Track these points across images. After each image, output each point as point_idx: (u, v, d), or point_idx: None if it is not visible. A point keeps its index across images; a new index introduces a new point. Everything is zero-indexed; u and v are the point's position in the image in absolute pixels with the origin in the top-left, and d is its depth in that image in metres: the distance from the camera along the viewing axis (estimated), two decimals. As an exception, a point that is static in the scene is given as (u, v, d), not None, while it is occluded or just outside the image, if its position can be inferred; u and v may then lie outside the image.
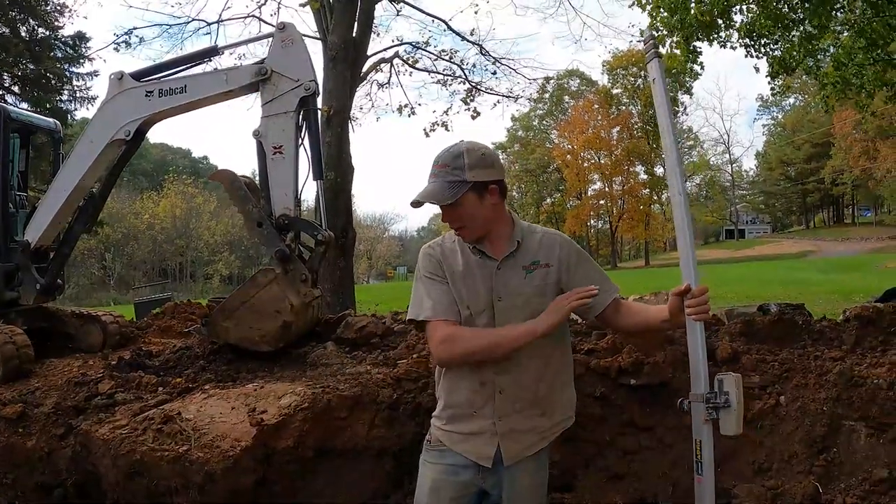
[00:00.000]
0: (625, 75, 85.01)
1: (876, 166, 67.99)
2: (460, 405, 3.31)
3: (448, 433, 3.34)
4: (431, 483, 3.35)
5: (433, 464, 3.38)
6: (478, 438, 3.27)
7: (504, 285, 3.25)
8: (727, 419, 3.09)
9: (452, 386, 3.33)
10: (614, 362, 5.42)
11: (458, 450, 3.30)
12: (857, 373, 5.08)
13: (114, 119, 6.99)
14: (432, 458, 3.39)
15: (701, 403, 3.12)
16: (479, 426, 3.27)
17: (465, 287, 3.26)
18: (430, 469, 3.38)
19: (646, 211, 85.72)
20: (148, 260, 74.63)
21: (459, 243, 3.34)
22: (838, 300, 19.49)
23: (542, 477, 3.47)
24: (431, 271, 3.31)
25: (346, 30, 15.01)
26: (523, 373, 3.26)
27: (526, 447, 3.31)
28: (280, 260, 6.31)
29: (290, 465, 4.99)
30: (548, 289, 3.29)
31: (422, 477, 3.42)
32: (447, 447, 3.34)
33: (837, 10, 12.95)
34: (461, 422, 3.30)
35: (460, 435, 3.30)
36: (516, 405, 3.26)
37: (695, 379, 3.16)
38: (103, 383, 5.93)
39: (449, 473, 3.32)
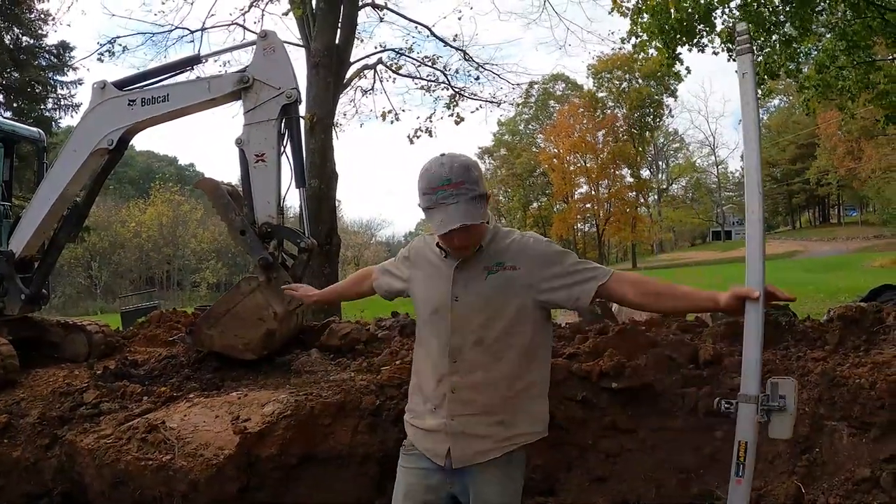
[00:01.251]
0: (610, 79, 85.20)
1: (860, 166, 68.22)
2: (420, 401, 3.40)
3: (413, 427, 3.43)
4: (405, 488, 3.38)
5: (407, 468, 3.41)
6: (434, 436, 3.30)
7: (463, 286, 3.25)
8: (782, 423, 3.06)
9: (418, 381, 3.44)
10: (596, 366, 5.44)
11: (419, 446, 3.36)
12: (840, 373, 5.10)
13: (97, 128, 6.98)
14: (407, 462, 3.43)
15: (752, 405, 3.07)
16: (435, 423, 3.29)
17: (427, 286, 3.37)
18: (404, 474, 3.42)
19: (632, 214, 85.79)
20: (134, 268, 74.33)
21: (429, 244, 3.42)
22: (824, 300, 19.58)
23: (513, 488, 3.40)
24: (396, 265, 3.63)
25: (329, 37, 15.00)
26: (477, 375, 3.25)
27: (478, 452, 3.26)
28: (263, 268, 6.31)
29: (274, 472, 5.00)
30: (514, 290, 3.25)
31: (397, 482, 3.45)
32: (416, 449, 3.38)
33: (819, 13, 13.03)
34: (421, 417, 3.37)
35: (422, 431, 3.36)
36: (469, 407, 3.25)
37: (748, 379, 3.11)
38: (88, 393, 5.94)
39: (420, 477, 3.35)
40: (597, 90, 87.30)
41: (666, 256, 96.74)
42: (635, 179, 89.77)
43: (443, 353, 3.27)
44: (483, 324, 3.23)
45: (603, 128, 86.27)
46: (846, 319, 6.04)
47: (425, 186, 3.09)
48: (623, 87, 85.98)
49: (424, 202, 3.11)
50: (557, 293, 3.26)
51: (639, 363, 5.46)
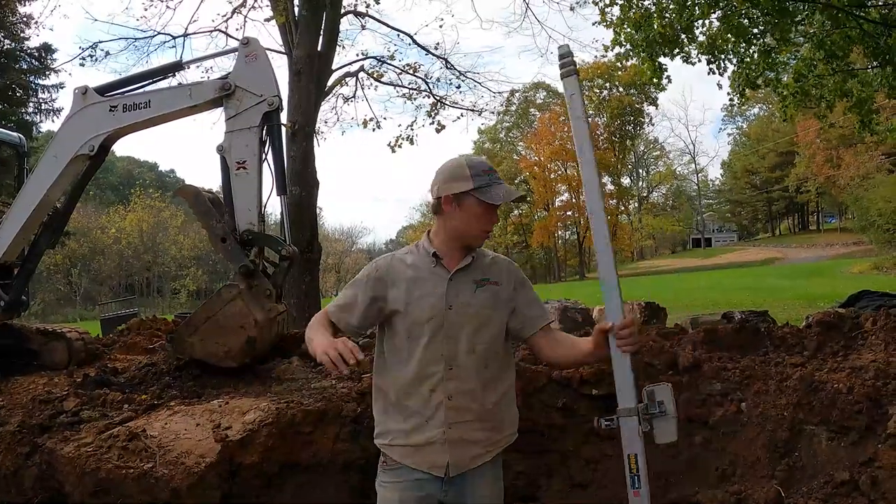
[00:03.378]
0: (590, 87, 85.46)
1: (839, 174, 68.68)
2: (402, 418, 3.38)
3: (397, 448, 3.39)
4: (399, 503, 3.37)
5: (395, 482, 3.40)
6: (429, 448, 3.32)
7: (455, 295, 3.37)
8: (665, 427, 3.15)
9: (396, 398, 3.40)
10: (576, 373, 5.46)
11: (410, 463, 3.35)
12: (818, 378, 5.15)
13: (78, 134, 6.94)
14: (392, 477, 3.42)
15: (633, 417, 3.16)
16: (429, 436, 3.32)
17: (413, 292, 3.38)
18: (392, 489, 3.40)
19: (613, 221, 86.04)
20: (114, 275, 73.86)
21: (413, 256, 3.48)
22: (803, 306, 19.70)
23: (499, 487, 3.54)
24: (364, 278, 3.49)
25: (311, 44, 14.99)
26: (470, 382, 3.35)
27: (473, 457, 3.37)
28: (244, 275, 6.31)
29: (256, 480, 4.99)
30: (498, 304, 3.45)
31: (384, 501, 3.44)
32: (398, 464, 3.38)
33: (798, 24, 13.13)
34: (406, 435, 3.36)
35: (411, 448, 3.35)
36: (465, 414, 3.33)
37: (623, 392, 3.20)
38: (69, 401, 5.89)
39: (414, 489, 3.36)
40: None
41: (646, 264, 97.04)
42: (616, 187, 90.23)
43: (436, 361, 3.33)
44: (473, 332, 3.35)
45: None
46: (825, 325, 6.09)
47: (474, 171, 3.33)
48: (604, 95, 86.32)
49: (477, 182, 3.30)
50: (518, 315, 3.50)
51: (619, 370, 5.48)
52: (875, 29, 12.85)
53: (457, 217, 3.35)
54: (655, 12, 12.71)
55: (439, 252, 3.43)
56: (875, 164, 59.86)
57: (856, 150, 64.87)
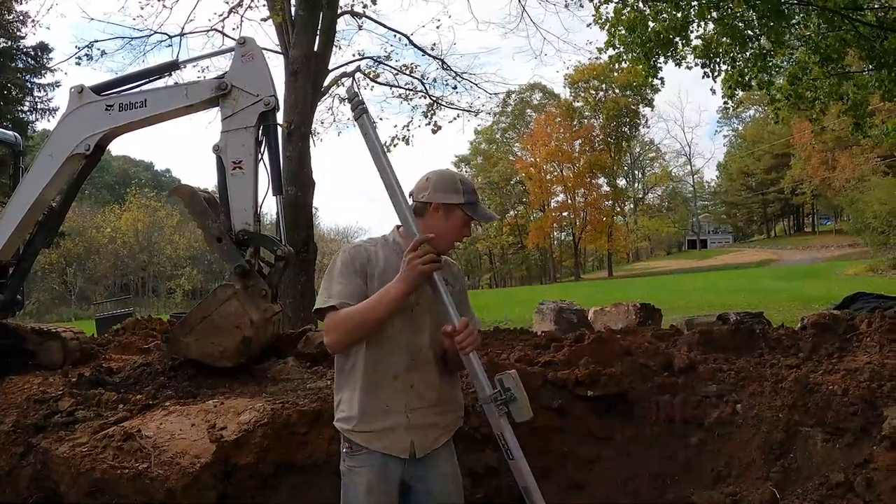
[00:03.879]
0: (586, 88, 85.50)
1: (835, 176, 68.75)
2: (373, 402, 3.50)
3: (361, 434, 3.51)
4: (367, 485, 3.50)
5: (362, 467, 3.52)
6: (392, 434, 3.49)
7: (422, 292, 3.52)
8: (517, 409, 3.43)
9: (364, 385, 3.51)
10: (571, 374, 5.48)
11: (375, 447, 3.49)
12: (813, 380, 5.17)
13: (74, 133, 6.93)
14: (359, 462, 3.54)
15: (490, 403, 3.45)
16: (392, 422, 3.48)
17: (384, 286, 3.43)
18: (360, 473, 3.52)
19: (608, 222, 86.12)
20: (110, 275, 73.74)
21: (382, 248, 3.64)
22: (798, 308, 19.70)
23: (455, 465, 3.74)
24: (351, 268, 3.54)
25: (307, 44, 14.95)
26: (430, 371, 3.59)
27: (433, 440, 3.59)
28: (239, 275, 6.30)
29: (251, 480, 4.98)
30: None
31: (352, 484, 3.56)
32: (362, 449, 3.52)
33: (793, 26, 13.13)
34: (370, 421, 3.49)
35: (374, 433, 3.49)
36: (425, 401, 3.55)
37: (479, 387, 3.48)
38: (63, 400, 5.88)
39: (381, 470, 3.50)
40: (573, 100, 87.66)
41: (642, 265, 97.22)
42: (611, 188, 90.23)
43: (401, 351, 3.52)
44: (435, 327, 3.53)
45: (579, 137, 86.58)
46: (820, 327, 6.11)
47: (465, 188, 3.60)
48: (600, 96, 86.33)
49: (467, 198, 3.56)
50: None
51: (614, 371, 5.50)
52: (871, 32, 12.85)
53: (440, 224, 3.54)
54: (650, 14, 12.70)
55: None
56: (870, 166, 59.90)
57: (851, 153, 64.93)
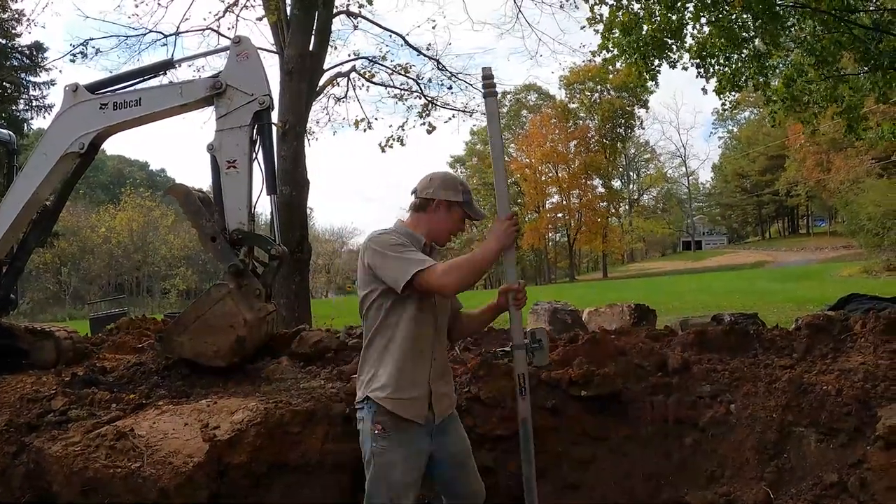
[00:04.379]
0: (582, 90, 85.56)
1: (829, 178, 68.84)
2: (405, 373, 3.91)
3: (395, 401, 3.86)
4: (404, 462, 3.85)
5: (399, 446, 3.86)
6: (420, 402, 3.93)
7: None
8: (541, 356, 4.29)
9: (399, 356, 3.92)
10: (565, 374, 5.49)
11: (406, 414, 3.87)
12: (807, 380, 5.19)
13: (68, 131, 6.91)
14: (392, 442, 3.85)
15: (522, 349, 4.23)
16: (419, 391, 3.94)
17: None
18: (396, 452, 3.85)
19: (603, 223, 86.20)
20: (104, 274, 73.45)
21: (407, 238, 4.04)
22: (792, 309, 19.70)
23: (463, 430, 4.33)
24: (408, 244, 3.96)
25: (302, 43, 14.93)
26: (444, 345, 4.26)
27: (446, 407, 4.15)
28: (233, 275, 6.29)
29: (244, 480, 4.98)
30: None
31: (387, 463, 3.84)
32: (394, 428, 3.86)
33: (789, 28, 13.14)
34: (405, 389, 3.88)
35: (406, 401, 3.88)
36: (441, 371, 4.13)
37: (516, 333, 4.26)
38: (56, 400, 5.86)
39: (410, 445, 3.89)
40: (569, 101, 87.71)
41: (636, 266, 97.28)
42: (606, 190, 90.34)
43: (430, 328, 4.03)
44: (447, 305, 4.21)
45: (575, 138, 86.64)
46: (814, 327, 6.12)
47: (464, 188, 4.23)
48: (595, 98, 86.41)
49: (465, 197, 4.18)
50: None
51: (608, 371, 5.51)
52: (866, 34, 12.87)
53: (441, 219, 4.14)
54: (644, 16, 12.70)
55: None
56: (865, 168, 60.01)
57: (846, 155, 65.02)
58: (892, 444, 4.55)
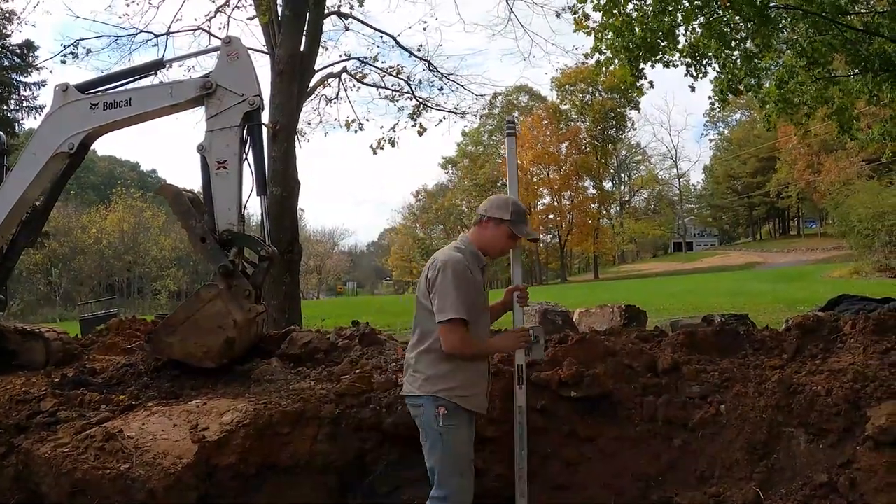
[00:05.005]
0: (573, 91, 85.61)
1: (820, 179, 69.07)
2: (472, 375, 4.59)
3: (465, 398, 4.54)
4: (468, 436, 4.61)
5: (461, 424, 4.54)
6: (482, 396, 4.69)
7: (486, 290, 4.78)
8: (538, 350, 4.91)
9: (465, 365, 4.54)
10: (555, 375, 5.49)
11: (473, 407, 4.59)
12: (797, 380, 5.20)
13: (58, 131, 6.90)
14: (456, 420, 4.51)
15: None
16: (482, 388, 4.69)
17: (479, 290, 4.63)
18: (460, 428, 4.53)
19: (594, 225, 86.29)
20: (95, 275, 73.30)
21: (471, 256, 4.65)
22: (783, 310, 19.74)
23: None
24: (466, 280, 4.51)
25: (293, 44, 14.91)
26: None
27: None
28: (223, 275, 6.28)
29: (233, 481, 4.98)
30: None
31: (456, 437, 4.51)
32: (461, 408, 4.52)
33: (780, 30, 13.15)
34: (475, 385, 4.61)
35: (475, 396, 4.61)
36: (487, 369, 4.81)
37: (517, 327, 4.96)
38: (46, 401, 5.86)
39: (471, 423, 4.64)
40: (560, 102, 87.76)
41: (628, 267, 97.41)
42: (598, 191, 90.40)
43: (484, 335, 4.73)
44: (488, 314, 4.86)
45: (566, 139, 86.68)
46: (804, 328, 6.13)
47: (516, 209, 4.71)
48: (586, 99, 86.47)
49: (515, 217, 4.69)
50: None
51: (597, 372, 5.52)
52: (857, 36, 12.90)
53: (490, 235, 4.71)
54: (637, 19, 12.71)
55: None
56: (855, 169, 60.23)
57: (836, 156, 65.26)
58: (881, 444, 4.57)
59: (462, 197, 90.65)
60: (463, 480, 4.53)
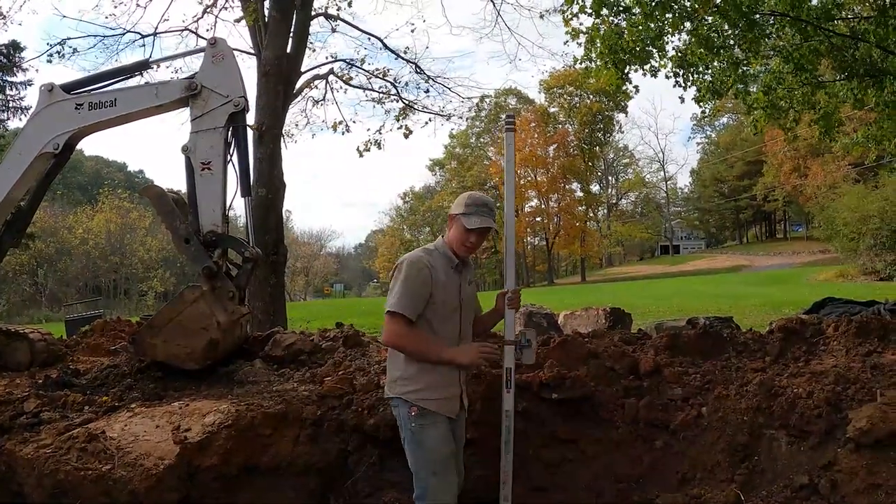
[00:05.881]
0: (561, 94, 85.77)
1: (806, 183, 69.43)
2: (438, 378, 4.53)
3: (433, 401, 4.51)
4: (443, 435, 4.53)
5: (435, 423, 4.52)
6: (453, 400, 4.62)
7: (465, 292, 4.71)
8: (528, 354, 4.81)
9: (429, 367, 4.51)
10: (536, 377, 5.51)
11: (442, 411, 4.53)
12: (778, 383, 5.22)
13: (43, 131, 6.87)
14: (429, 420, 4.50)
15: (511, 346, 4.78)
16: (454, 390, 4.62)
17: (446, 289, 4.56)
18: (436, 427, 4.52)
19: (581, 228, 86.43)
20: (81, 276, 73.02)
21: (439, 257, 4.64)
22: (768, 312, 19.80)
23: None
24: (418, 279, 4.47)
25: (280, 45, 14.90)
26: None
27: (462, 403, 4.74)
28: (207, 277, 6.26)
29: (215, 482, 4.97)
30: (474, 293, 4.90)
31: (431, 436, 4.50)
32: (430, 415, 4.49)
33: (767, 36, 13.20)
34: (442, 388, 4.54)
35: (443, 399, 4.55)
36: (462, 374, 4.71)
37: (508, 332, 4.83)
38: (29, 402, 5.82)
39: (445, 424, 4.55)
40: (548, 105, 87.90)
41: (614, 270, 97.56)
42: (585, 194, 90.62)
43: (456, 336, 4.64)
44: (469, 316, 4.79)
45: (554, 142, 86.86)
46: (787, 331, 6.17)
47: (469, 201, 4.64)
48: (574, 102, 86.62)
49: (465, 210, 4.60)
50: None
51: (579, 374, 5.53)
52: (843, 42, 12.96)
53: (453, 232, 4.67)
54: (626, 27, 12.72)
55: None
56: (841, 174, 60.56)
57: (823, 160, 65.59)
58: (862, 446, 4.60)
59: (449, 199, 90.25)
60: (438, 480, 4.49)
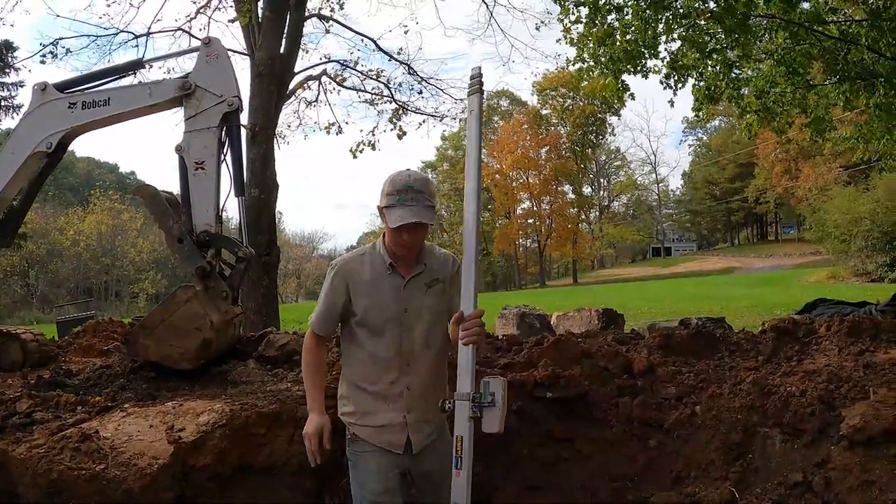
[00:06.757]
0: (554, 96, 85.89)
1: (797, 185, 69.60)
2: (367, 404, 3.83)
3: (363, 427, 3.84)
4: (376, 466, 3.80)
5: (369, 451, 3.83)
6: (390, 429, 3.78)
7: (410, 299, 3.79)
8: (491, 417, 3.35)
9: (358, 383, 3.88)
10: (530, 376, 5.51)
11: (374, 441, 3.81)
12: (772, 381, 5.25)
13: (35, 130, 6.85)
14: (362, 447, 3.85)
15: (466, 402, 3.38)
16: (391, 417, 3.78)
17: (372, 297, 3.77)
18: (368, 457, 3.83)
19: (574, 230, 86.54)
20: (72, 278, 72.95)
21: (370, 258, 3.85)
22: (760, 313, 19.86)
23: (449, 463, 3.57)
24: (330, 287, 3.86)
25: (273, 46, 14.91)
26: (425, 373, 3.83)
27: (427, 435, 3.87)
28: (200, 277, 6.24)
29: (210, 482, 4.96)
30: (443, 300, 3.87)
31: (360, 468, 3.86)
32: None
33: (759, 39, 13.24)
34: (372, 415, 3.81)
35: (374, 428, 3.81)
36: (421, 402, 3.79)
37: (461, 382, 3.42)
38: (21, 402, 5.81)
39: (383, 456, 3.81)
40: (541, 107, 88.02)
41: (606, 272, 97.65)
42: (577, 196, 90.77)
43: (396, 354, 3.77)
44: (428, 329, 3.81)
45: (546, 144, 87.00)
46: (779, 331, 6.20)
47: (390, 188, 3.60)
48: (567, 104, 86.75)
49: (386, 201, 3.59)
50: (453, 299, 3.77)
51: (573, 373, 5.53)
52: (834, 45, 13.00)
53: (387, 229, 3.73)
54: (619, 29, 12.74)
55: (394, 259, 3.80)
56: (833, 176, 60.70)
57: (814, 163, 65.80)
58: (855, 443, 4.62)
59: (442, 201, 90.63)
60: None
